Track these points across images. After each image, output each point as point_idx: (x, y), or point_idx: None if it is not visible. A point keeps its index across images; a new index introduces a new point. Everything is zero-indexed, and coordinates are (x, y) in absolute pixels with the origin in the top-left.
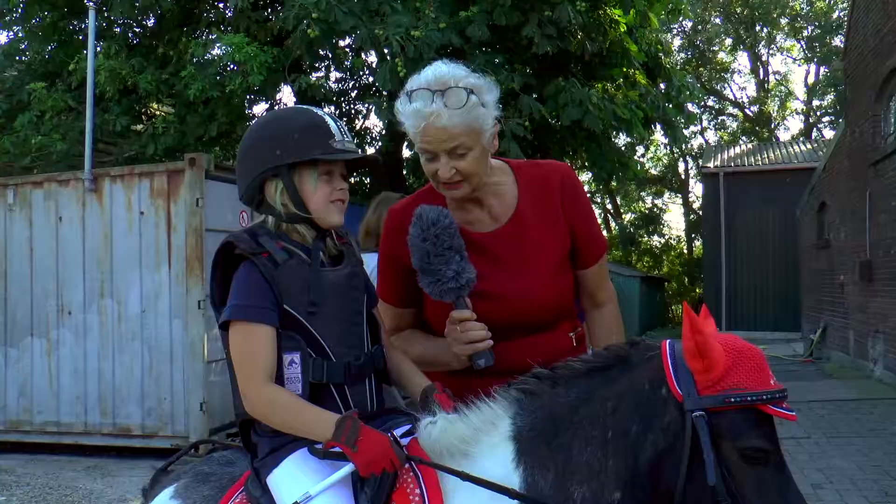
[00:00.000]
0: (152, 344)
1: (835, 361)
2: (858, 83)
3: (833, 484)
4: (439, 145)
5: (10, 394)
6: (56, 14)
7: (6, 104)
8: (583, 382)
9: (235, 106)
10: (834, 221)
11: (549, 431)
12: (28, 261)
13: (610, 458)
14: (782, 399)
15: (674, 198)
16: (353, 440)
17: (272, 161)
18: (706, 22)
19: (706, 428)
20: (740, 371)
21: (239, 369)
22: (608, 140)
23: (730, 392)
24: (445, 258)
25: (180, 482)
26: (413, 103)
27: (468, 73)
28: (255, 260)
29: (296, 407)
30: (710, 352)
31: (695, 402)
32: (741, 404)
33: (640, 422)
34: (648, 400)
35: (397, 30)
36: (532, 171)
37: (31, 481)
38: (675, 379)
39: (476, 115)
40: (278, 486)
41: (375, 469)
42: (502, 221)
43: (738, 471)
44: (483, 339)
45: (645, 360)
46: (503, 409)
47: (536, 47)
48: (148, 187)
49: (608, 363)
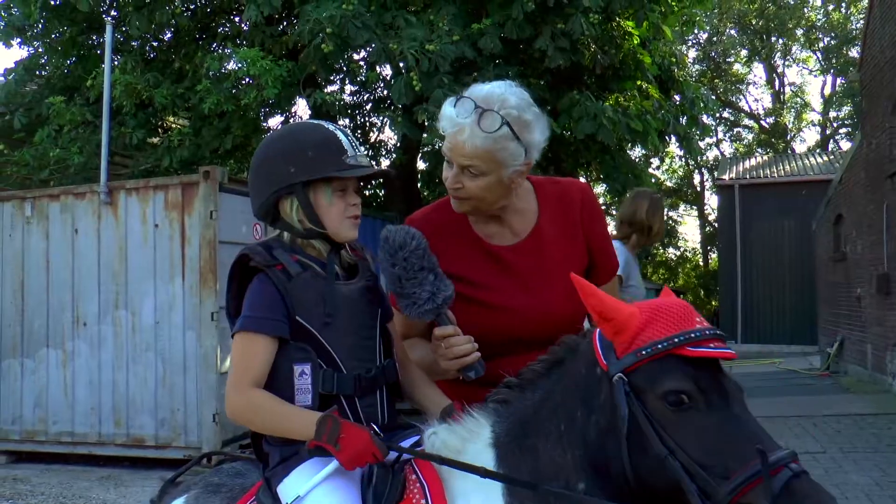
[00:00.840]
0: (166, 355)
1: (852, 375)
2: (875, 94)
3: (849, 500)
4: (455, 157)
5: (26, 404)
6: (75, 29)
7: (26, 118)
8: (543, 382)
9: (250, 119)
10: (850, 234)
11: (520, 435)
12: (44, 273)
13: (567, 450)
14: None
15: (689, 210)
16: (334, 438)
17: (287, 179)
18: (721, 33)
19: (622, 387)
20: (656, 325)
21: (230, 376)
22: (622, 152)
23: (643, 346)
24: (418, 280)
25: (191, 493)
26: (454, 108)
27: (520, 104)
28: (269, 272)
29: (278, 409)
30: (610, 312)
31: (615, 367)
32: (654, 354)
33: (582, 406)
34: (587, 383)
35: (412, 44)
36: (552, 188)
37: (45, 491)
38: (601, 353)
39: (502, 146)
40: (288, 495)
41: (359, 463)
42: (522, 236)
43: (671, 421)
44: (469, 353)
45: (584, 344)
46: (484, 419)
47: (549, 60)
48: (162, 200)
49: (561, 357)
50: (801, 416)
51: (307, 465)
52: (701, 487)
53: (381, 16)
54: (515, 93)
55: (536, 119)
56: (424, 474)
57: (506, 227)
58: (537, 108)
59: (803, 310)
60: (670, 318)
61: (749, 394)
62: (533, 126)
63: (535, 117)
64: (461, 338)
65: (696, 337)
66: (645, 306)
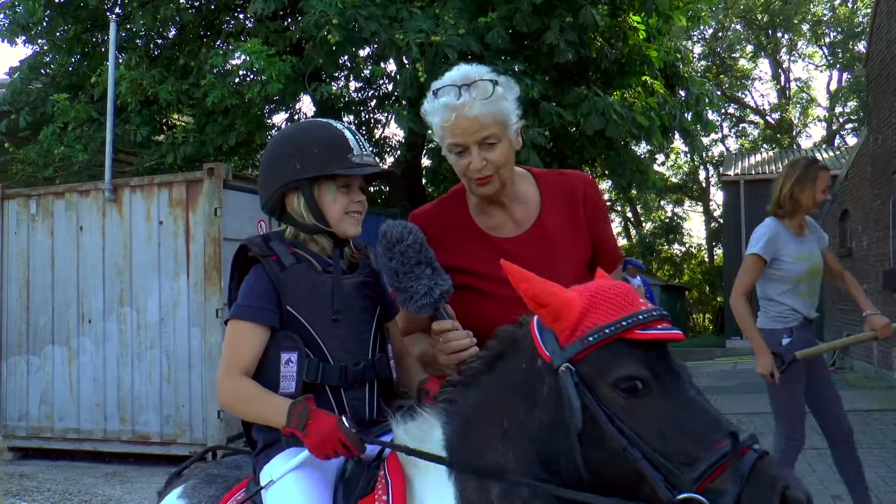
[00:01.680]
0: (171, 352)
1: (858, 371)
2: (881, 89)
3: None
4: (470, 137)
5: (31, 401)
6: (79, 27)
7: (31, 116)
8: (485, 378)
9: (254, 116)
10: (856, 229)
11: (466, 436)
12: (49, 270)
13: (510, 447)
14: (652, 320)
15: (694, 206)
16: (303, 423)
17: (293, 174)
18: (727, 29)
19: (571, 378)
20: (598, 309)
21: (220, 363)
22: (627, 148)
23: (588, 333)
24: (415, 274)
25: (189, 483)
26: (440, 99)
27: (491, 71)
28: (264, 262)
29: (256, 396)
30: (546, 298)
31: (560, 358)
32: (601, 340)
33: (524, 401)
34: (528, 376)
35: (418, 35)
36: (555, 179)
37: (51, 487)
38: (542, 344)
39: (502, 106)
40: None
41: (326, 450)
42: (525, 227)
43: (625, 410)
44: (468, 348)
45: (522, 337)
46: (435, 419)
47: (559, 55)
48: (167, 197)
49: (501, 351)
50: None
51: (288, 452)
52: (665, 476)
53: (387, 9)
54: (478, 66)
55: (508, 81)
56: (391, 471)
57: (508, 217)
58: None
59: None
60: (613, 302)
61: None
62: (508, 86)
63: (503, 78)
64: (459, 332)
65: (644, 319)
66: (584, 290)
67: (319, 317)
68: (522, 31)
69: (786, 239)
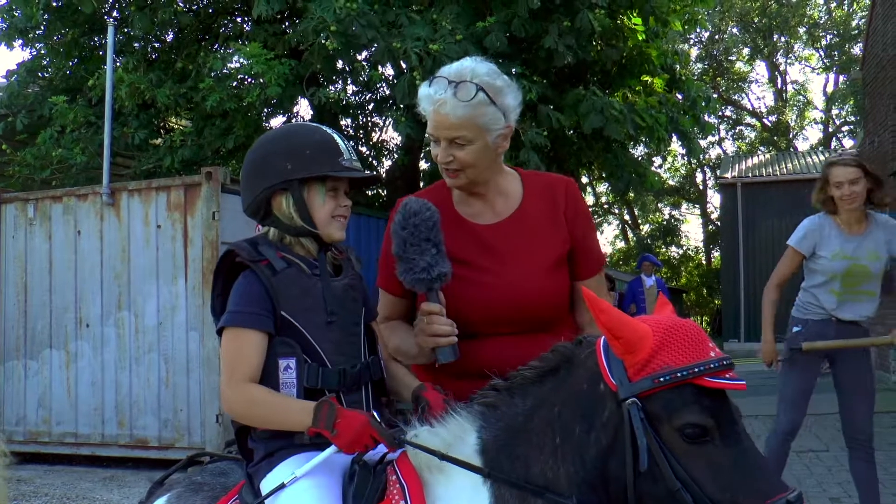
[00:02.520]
0: (169, 356)
1: None
2: (877, 92)
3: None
4: (441, 132)
5: (29, 405)
6: (77, 31)
7: (27, 119)
8: (535, 389)
9: (252, 119)
10: None
11: (510, 443)
12: (47, 274)
13: (561, 464)
14: (722, 369)
15: (691, 208)
16: (331, 423)
17: (283, 175)
18: (723, 31)
19: (638, 414)
20: (671, 348)
21: (223, 371)
22: (625, 150)
23: (659, 372)
24: (420, 248)
25: (173, 492)
26: (430, 87)
27: (490, 72)
28: (255, 267)
29: (274, 401)
30: (623, 331)
31: (627, 390)
32: (672, 382)
33: (582, 422)
34: (588, 398)
35: (415, 43)
36: (538, 177)
37: (49, 492)
38: (608, 370)
39: (481, 112)
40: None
41: (358, 447)
42: (503, 216)
43: (685, 453)
44: (447, 335)
45: (585, 357)
46: (469, 423)
47: (557, 58)
48: (165, 201)
49: (556, 365)
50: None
51: (292, 460)
52: None
53: (385, 14)
54: (483, 64)
55: (508, 85)
56: (405, 475)
57: (488, 206)
58: (507, 77)
59: None
60: (684, 342)
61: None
62: (505, 91)
63: (506, 84)
64: (444, 318)
65: (714, 367)
66: (657, 325)
67: (313, 321)
68: (520, 35)
69: (829, 235)
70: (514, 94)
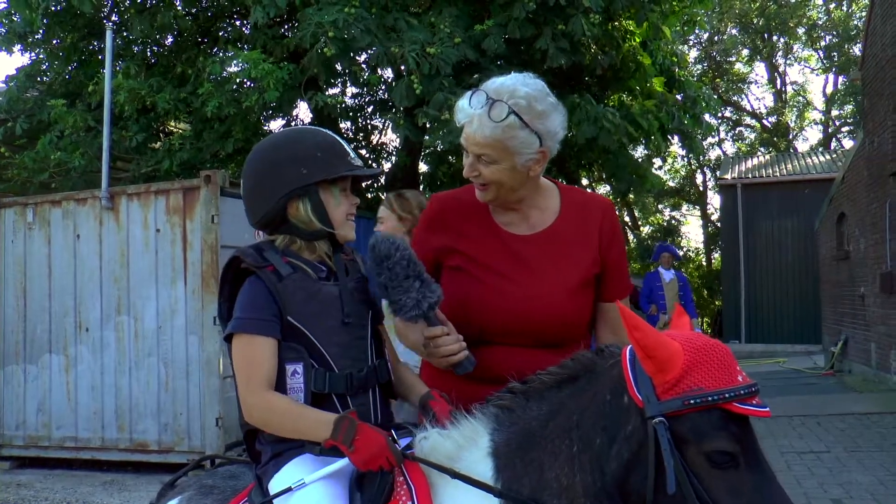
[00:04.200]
0: (168, 360)
1: (856, 374)
2: (876, 92)
3: (853, 499)
4: (469, 146)
5: (29, 410)
6: (76, 35)
7: (27, 124)
8: (553, 395)
9: (251, 123)
10: (853, 233)
11: (523, 447)
12: (46, 278)
13: (577, 472)
14: (750, 395)
15: (692, 210)
16: (350, 438)
17: (300, 180)
18: (722, 33)
19: (666, 434)
20: (701, 370)
21: (239, 379)
22: (624, 152)
23: (689, 394)
24: (403, 288)
25: (184, 495)
26: (467, 100)
27: (530, 94)
28: (261, 273)
29: (294, 410)
30: (656, 350)
31: (654, 408)
32: (702, 405)
33: (603, 433)
34: (611, 410)
35: (413, 46)
36: (577, 195)
37: (49, 496)
38: (634, 385)
39: (511, 135)
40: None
41: (372, 466)
42: (537, 229)
43: (708, 476)
44: (457, 353)
45: (608, 368)
46: (482, 426)
47: (550, 60)
48: (164, 204)
49: (576, 373)
50: (805, 416)
51: (298, 461)
52: None
53: (383, 18)
54: (529, 84)
55: (552, 109)
56: (412, 476)
57: (523, 218)
58: (554, 99)
59: (807, 309)
60: (715, 365)
61: None
62: (546, 115)
63: (551, 107)
64: (449, 338)
65: (744, 394)
66: (688, 345)
67: (319, 325)
68: (516, 37)
69: None
70: (559, 118)
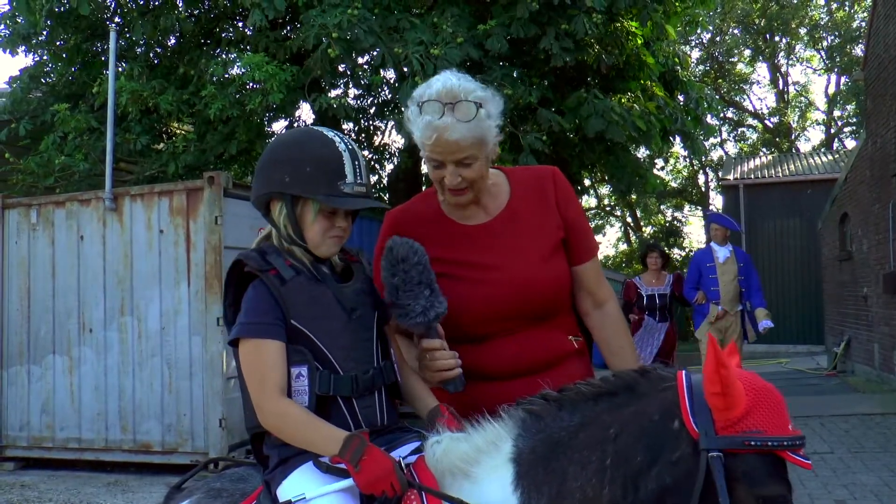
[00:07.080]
0: (172, 360)
1: (859, 374)
2: (879, 93)
3: (857, 500)
4: (448, 156)
5: (32, 410)
6: (79, 37)
7: (31, 125)
8: (588, 407)
9: (255, 125)
10: (856, 233)
11: (548, 455)
12: (50, 279)
13: (607, 484)
14: (801, 446)
15: (694, 210)
16: (357, 458)
17: (279, 186)
18: (724, 33)
19: (722, 470)
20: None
21: (252, 384)
22: (626, 152)
23: (749, 434)
24: (414, 293)
25: (193, 498)
26: (424, 115)
27: (476, 87)
28: (264, 277)
29: (307, 422)
30: (732, 389)
31: (712, 441)
32: (761, 448)
33: (645, 452)
34: (657, 432)
35: (416, 47)
36: (522, 171)
37: (53, 497)
38: (691, 414)
39: (483, 127)
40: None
41: (375, 490)
42: (493, 214)
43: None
44: (452, 368)
45: (658, 390)
46: (507, 431)
47: (554, 59)
48: (167, 206)
49: (615, 389)
50: (808, 416)
51: (305, 470)
52: None
53: (386, 19)
54: (465, 79)
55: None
56: (422, 479)
57: (480, 208)
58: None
59: (809, 309)
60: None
61: None
62: (491, 100)
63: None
64: (446, 353)
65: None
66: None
67: (323, 327)
68: (519, 37)
69: None
70: (497, 101)
